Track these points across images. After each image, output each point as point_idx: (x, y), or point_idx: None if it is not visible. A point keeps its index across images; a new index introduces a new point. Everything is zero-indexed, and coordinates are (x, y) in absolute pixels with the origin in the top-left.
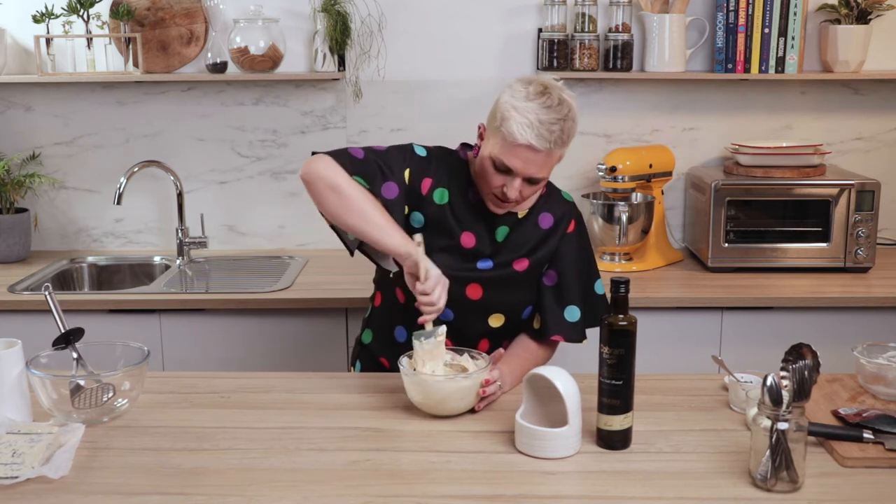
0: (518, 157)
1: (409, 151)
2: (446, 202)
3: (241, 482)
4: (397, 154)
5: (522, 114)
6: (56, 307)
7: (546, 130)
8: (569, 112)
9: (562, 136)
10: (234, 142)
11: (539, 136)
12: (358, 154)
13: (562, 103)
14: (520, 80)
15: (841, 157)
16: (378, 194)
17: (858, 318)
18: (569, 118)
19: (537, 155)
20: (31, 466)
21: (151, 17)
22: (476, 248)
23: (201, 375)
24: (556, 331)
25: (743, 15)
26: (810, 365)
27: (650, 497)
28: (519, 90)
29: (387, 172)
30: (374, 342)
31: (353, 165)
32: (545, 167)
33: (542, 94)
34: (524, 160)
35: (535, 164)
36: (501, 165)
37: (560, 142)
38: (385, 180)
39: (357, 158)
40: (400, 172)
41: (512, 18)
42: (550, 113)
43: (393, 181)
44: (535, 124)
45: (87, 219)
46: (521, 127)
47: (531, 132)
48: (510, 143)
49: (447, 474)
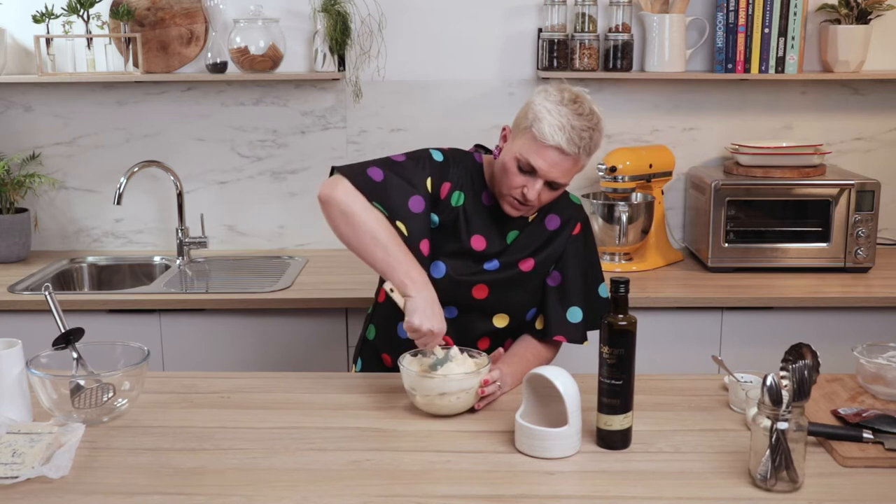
0: (545, 157)
1: (427, 158)
2: (461, 204)
3: (241, 482)
4: (416, 164)
5: (555, 116)
6: (56, 307)
7: (577, 136)
8: (598, 123)
9: (590, 144)
10: (234, 142)
11: (570, 139)
12: (377, 176)
13: (592, 114)
14: (553, 86)
15: (841, 157)
16: (403, 213)
17: (858, 318)
18: (597, 129)
19: (565, 159)
20: (31, 466)
21: (151, 17)
22: (485, 251)
23: (201, 375)
24: (559, 331)
25: (743, 15)
26: (810, 365)
27: (650, 497)
28: (553, 94)
29: (409, 188)
30: (377, 338)
31: (373, 190)
32: (568, 173)
33: (574, 101)
34: (550, 162)
35: (560, 168)
36: (526, 165)
37: (587, 150)
38: (410, 195)
39: (376, 182)
40: (422, 183)
41: (512, 18)
42: (582, 120)
43: (418, 194)
44: (566, 127)
45: (87, 219)
46: (553, 128)
47: (562, 135)
48: (539, 142)
49: (447, 474)
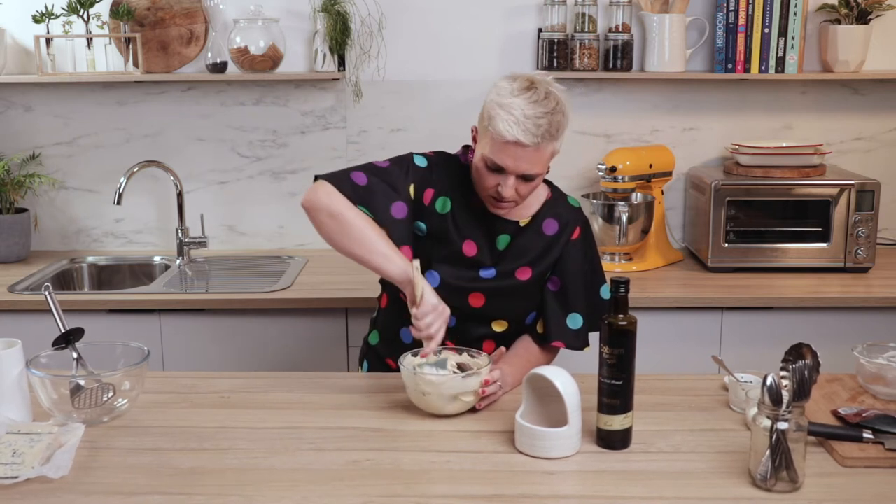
0: (508, 154)
1: (410, 163)
2: (448, 211)
3: (241, 482)
4: (399, 170)
5: (508, 110)
6: (56, 307)
7: (533, 125)
8: (556, 105)
9: (550, 130)
10: (234, 142)
11: (526, 131)
12: (360, 180)
13: (549, 97)
14: (505, 78)
15: (841, 157)
16: (386, 219)
17: (858, 318)
18: (557, 111)
19: (526, 150)
20: (31, 466)
21: (151, 17)
22: (477, 257)
23: (201, 375)
24: (558, 337)
25: (743, 15)
26: (810, 365)
27: (650, 497)
28: (504, 87)
29: (392, 193)
30: (381, 343)
31: (356, 193)
32: (537, 163)
33: (527, 89)
34: (514, 157)
35: (526, 160)
36: (493, 165)
37: (549, 136)
38: (392, 201)
39: (359, 186)
40: (405, 189)
41: (512, 18)
42: (537, 107)
43: (401, 200)
44: (521, 120)
45: (87, 219)
46: (507, 124)
47: (517, 128)
48: (498, 141)
49: (447, 474)
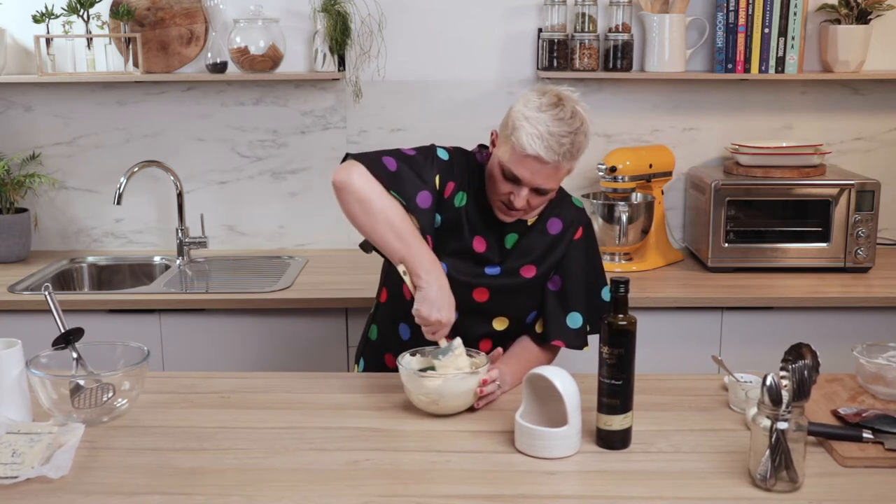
0: (526, 167)
1: (434, 155)
2: (463, 205)
3: (241, 482)
4: (424, 160)
5: (533, 124)
6: (56, 307)
7: (556, 143)
8: (581, 126)
9: (571, 150)
10: (234, 142)
11: (548, 147)
12: (391, 165)
13: (574, 116)
14: (535, 90)
15: (841, 157)
16: (415, 206)
17: (858, 318)
18: (580, 132)
19: (545, 167)
20: (31, 466)
21: (151, 17)
22: (486, 254)
23: (201, 375)
24: (558, 336)
25: (743, 15)
26: (810, 365)
27: (650, 497)
28: (532, 100)
29: (419, 182)
30: (379, 338)
31: (389, 179)
32: (553, 179)
33: (554, 105)
34: (532, 171)
35: (543, 175)
36: (510, 174)
37: (569, 155)
38: (419, 190)
39: (391, 171)
40: (431, 179)
41: (512, 18)
42: (562, 125)
43: (427, 190)
44: (544, 136)
45: (87, 219)
46: (531, 138)
47: (540, 143)
48: (519, 152)
49: (447, 474)
